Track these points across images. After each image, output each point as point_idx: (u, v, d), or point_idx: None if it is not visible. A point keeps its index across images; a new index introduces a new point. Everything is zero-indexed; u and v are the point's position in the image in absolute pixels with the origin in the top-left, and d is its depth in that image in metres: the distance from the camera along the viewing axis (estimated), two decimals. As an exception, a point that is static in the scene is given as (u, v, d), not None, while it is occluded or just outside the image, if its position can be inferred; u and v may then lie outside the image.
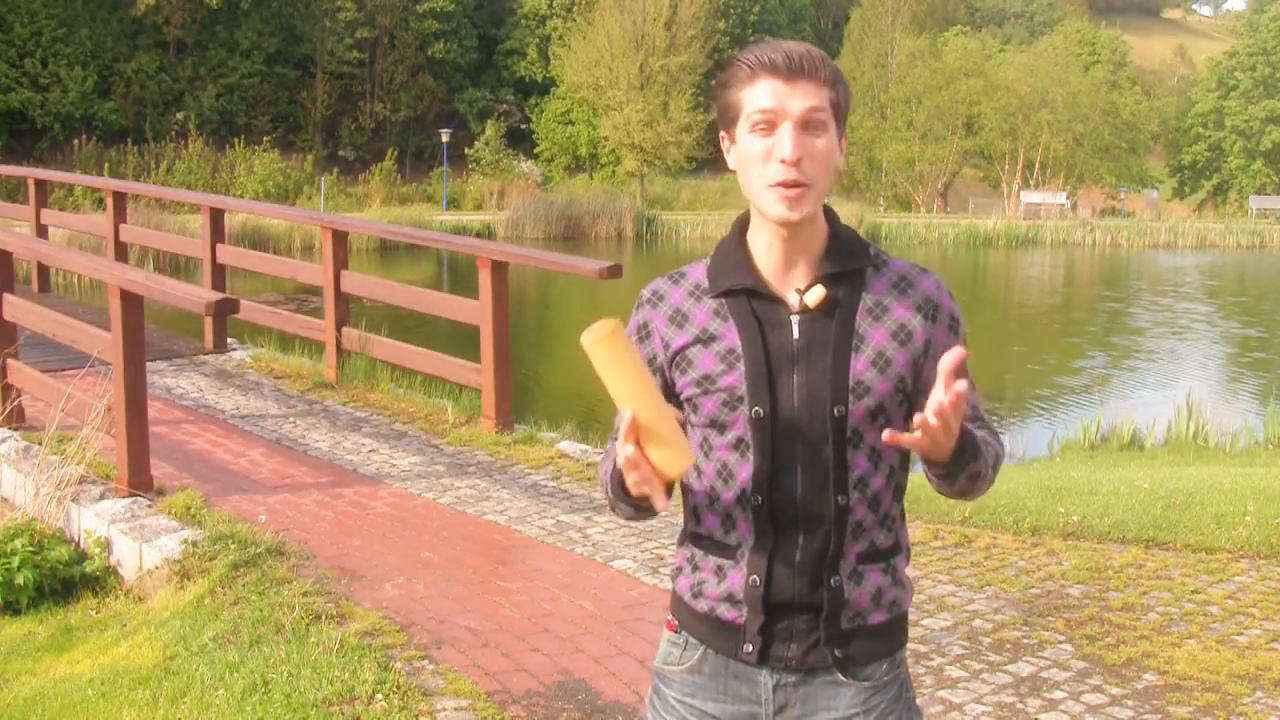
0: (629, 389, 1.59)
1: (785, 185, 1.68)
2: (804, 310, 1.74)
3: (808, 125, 1.68)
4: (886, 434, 1.60)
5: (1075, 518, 5.60)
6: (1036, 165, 54.13)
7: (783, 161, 1.67)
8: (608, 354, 1.60)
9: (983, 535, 5.45)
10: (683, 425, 1.72)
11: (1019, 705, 3.78)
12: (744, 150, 1.72)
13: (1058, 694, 3.87)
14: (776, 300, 1.75)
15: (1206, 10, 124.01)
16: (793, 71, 1.68)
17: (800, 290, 1.75)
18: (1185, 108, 63.63)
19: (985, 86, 52.82)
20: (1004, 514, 5.65)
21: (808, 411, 1.72)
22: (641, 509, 1.75)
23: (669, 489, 1.64)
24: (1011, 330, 22.00)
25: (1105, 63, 57.81)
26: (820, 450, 1.72)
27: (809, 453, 1.72)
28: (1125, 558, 5.19)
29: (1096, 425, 10.85)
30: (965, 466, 1.68)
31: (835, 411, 1.71)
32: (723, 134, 1.78)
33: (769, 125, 1.69)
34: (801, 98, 1.68)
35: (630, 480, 1.60)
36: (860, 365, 1.73)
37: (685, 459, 1.60)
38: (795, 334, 1.74)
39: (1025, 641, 4.29)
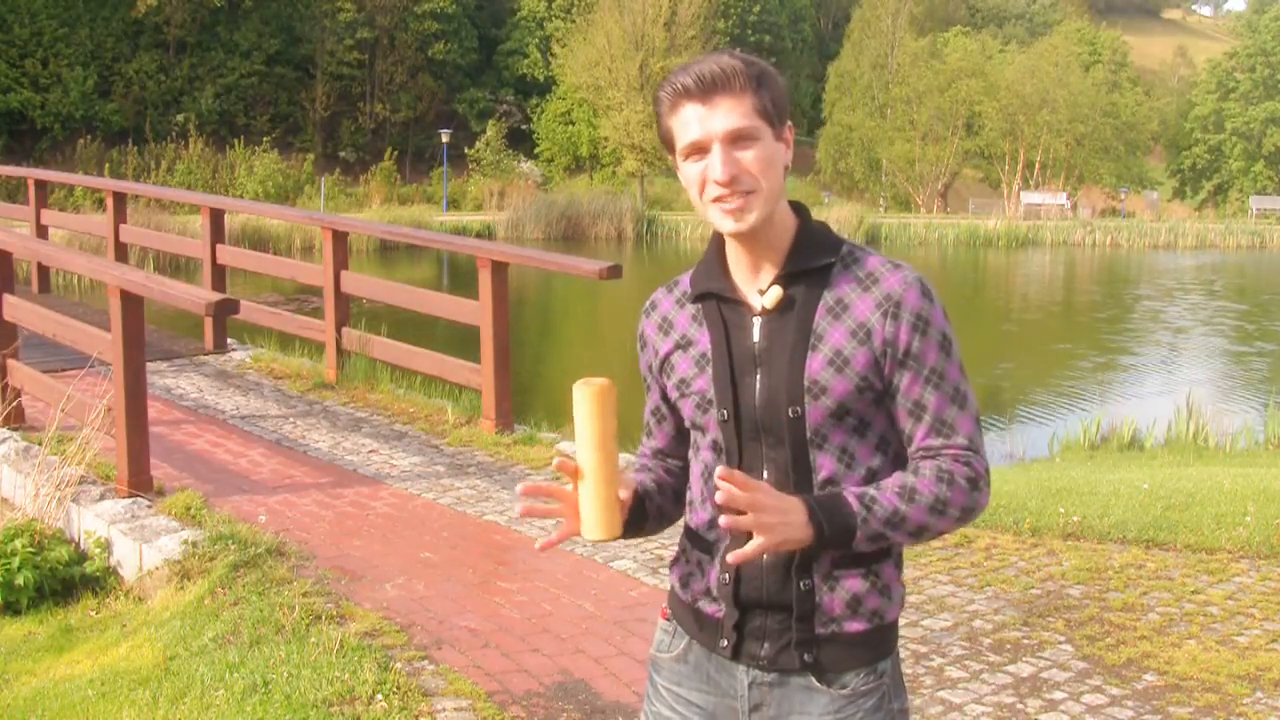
0: (596, 443, 1.67)
1: (722, 200, 1.70)
2: (765, 311, 1.75)
3: (735, 141, 1.69)
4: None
5: (1075, 518, 5.60)
6: (1037, 165, 54.16)
7: (716, 183, 1.69)
8: (594, 407, 1.67)
9: (983, 535, 5.45)
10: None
11: (1019, 706, 3.78)
12: (685, 175, 1.76)
13: (1058, 694, 3.87)
14: (740, 303, 1.78)
15: (1206, 10, 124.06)
16: (706, 91, 1.69)
17: (761, 291, 1.76)
18: (1185, 109, 63.64)
19: (986, 87, 52.85)
20: (1004, 514, 5.65)
21: (767, 412, 1.73)
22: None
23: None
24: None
25: (1106, 63, 57.86)
26: (780, 450, 1.73)
27: (771, 454, 1.74)
28: (1125, 558, 5.19)
29: (1096, 426, 10.86)
30: (847, 541, 1.67)
31: (790, 411, 1.71)
32: (671, 159, 1.81)
33: (699, 150, 1.71)
34: (723, 115, 1.69)
35: (527, 504, 1.71)
36: (816, 365, 1.71)
37: (604, 533, 1.68)
38: (756, 336, 1.75)
39: (1025, 642, 4.29)
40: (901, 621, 1.92)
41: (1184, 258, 40.47)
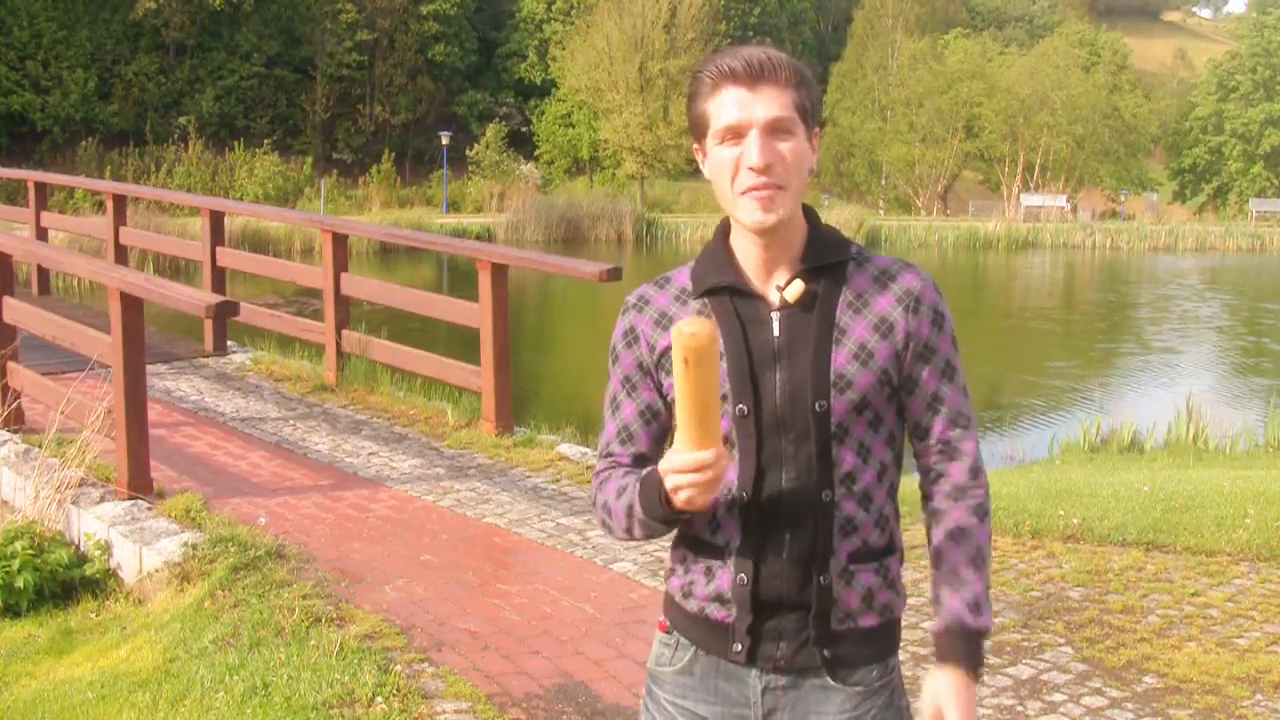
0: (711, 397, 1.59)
1: (755, 189, 1.69)
2: (785, 306, 1.75)
3: (774, 131, 1.69)
4: None
5: (1075, 520, 5.60)
6: (1037, 168, 54.16)
7: (751, 169, 1.68)
8: (707, 359, 1.58)
9: (983, 538, 5.44)
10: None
11: (1019, 708, 3.78)
12: (715, 161, 1.73)
13: (1057, 696, 3.87)
14: (757, 297, 1.76)
15: (1206, 13, 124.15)
16: (753, 78, 1.69)
17: (780, 286, 1.76)
18: (1185, 110, 63.63)
19: (986, 89, 52.85)
20: (1004, 516, 5.65)
21: (790, 406, 1.72)
22: (668, 522, 1.73)
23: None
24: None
25: (1105, 65, 57.86)
26: (804, 445, 1.72)
27: (793, 448, 1.73)
28: (1125, 560, 5.18)
29: (1096, 428, 10.86)
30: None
31: (817, 405, 1.72)
32: (695, 146, 1.79)
33: (736, 134, 1.70)
34: (765, 103, 1.69)
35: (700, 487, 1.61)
36: (841, 358, 1.73)
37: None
38: (776, 330, 1.74)
39: (1025, 644, 4.29)
40: (902, 622, 1.92)
41: (1184, 260, 40.47)
